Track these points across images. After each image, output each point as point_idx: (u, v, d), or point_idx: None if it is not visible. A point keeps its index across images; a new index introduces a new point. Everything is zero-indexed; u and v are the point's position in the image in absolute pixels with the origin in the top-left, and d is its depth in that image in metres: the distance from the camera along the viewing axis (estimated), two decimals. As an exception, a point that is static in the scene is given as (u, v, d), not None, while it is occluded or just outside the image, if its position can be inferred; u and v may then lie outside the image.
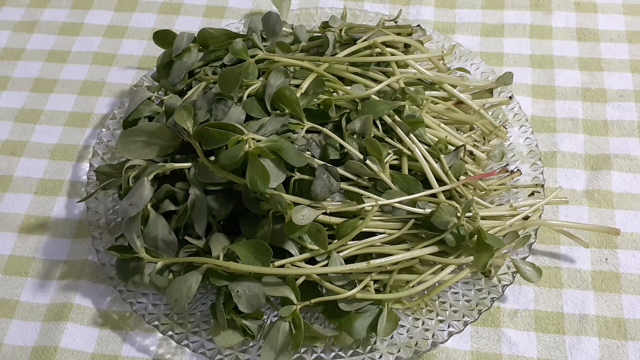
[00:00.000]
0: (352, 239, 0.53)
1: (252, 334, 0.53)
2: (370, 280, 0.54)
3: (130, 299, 0.57)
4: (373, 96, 0.58)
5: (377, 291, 0.54)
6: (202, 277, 0.52)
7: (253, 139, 0.51)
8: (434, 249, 0.54)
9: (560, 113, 0.71)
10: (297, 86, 0.57)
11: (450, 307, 0.56)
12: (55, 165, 0.70)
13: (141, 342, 0.58)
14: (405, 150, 0.57)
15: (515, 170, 0.63)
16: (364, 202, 0.53)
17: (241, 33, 0.70)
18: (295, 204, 0.52)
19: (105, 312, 0.60)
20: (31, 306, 0.60)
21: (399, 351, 0.53)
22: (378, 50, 0.62)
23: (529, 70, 0.74)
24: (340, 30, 0.65)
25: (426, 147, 0.58)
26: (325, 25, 0.67)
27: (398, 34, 0.65)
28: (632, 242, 0.61)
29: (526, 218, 0.58)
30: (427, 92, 0.62)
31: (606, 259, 0.61)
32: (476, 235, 0.54)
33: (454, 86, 0.64)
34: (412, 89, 0.60)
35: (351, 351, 0.54)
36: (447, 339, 0.54)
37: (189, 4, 0.83)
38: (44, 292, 0.61)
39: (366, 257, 0.54)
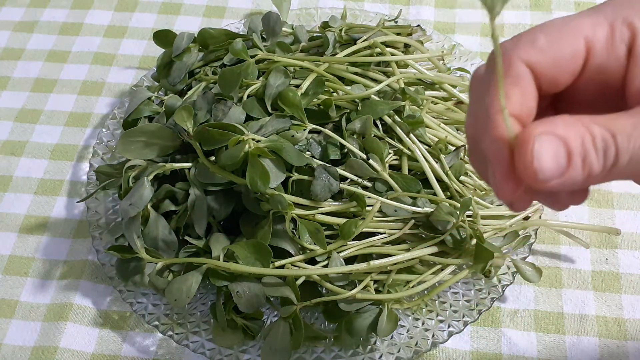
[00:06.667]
0: (352, 239, 0.53)
1: (252, 334, 0.53)
2: (370, 280, 0.54)
3: (130, 299, 0.57)
4: (373, 96, 0.58)
5: (377, 291, 0.54)
6: (202, 277, 0.52)
7: (253, 139, 0.51)
8: (434, 249, 0.54)
9: (560, 113, 0.70)
10: (297, 86, 0.57)
11: (450, 307, 0.56)
12: (55, 165, 0.70)
13: (141, 342, 0.58)
14: (405, 150, 0.57)
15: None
16: (366, 202, 0.53)
17: (241, 33, 0.70)
18: (296, 204, 0.52)
19: (105, 312, 0.60)
20: (31, 306, 0.60)
21: (399, 351, 0.53)
22: (378, 50, 0.62)
23: (529, 70, 0.74)
24: (340, 30, 0.65)
25: (426, 147, 0.58)
26: (325, 25, 0.67)
27: (398, 34, 0.65)
28: (632, 242, 0.61)
29: (526, 218, 0.58)
30: (427, 92, 0.62)
31: (606, 259, 0.60)
32: (475, 239, 0.54)
33: (454, 86, 0.64)
34: (412, 89, 0.60)
35: (351, 351, 0.54)
36: (447, 339, 0.54)
37: (189, 4, 0.83)
38: (44, 292, 0.61)
39: (366, 257, 0.54)
